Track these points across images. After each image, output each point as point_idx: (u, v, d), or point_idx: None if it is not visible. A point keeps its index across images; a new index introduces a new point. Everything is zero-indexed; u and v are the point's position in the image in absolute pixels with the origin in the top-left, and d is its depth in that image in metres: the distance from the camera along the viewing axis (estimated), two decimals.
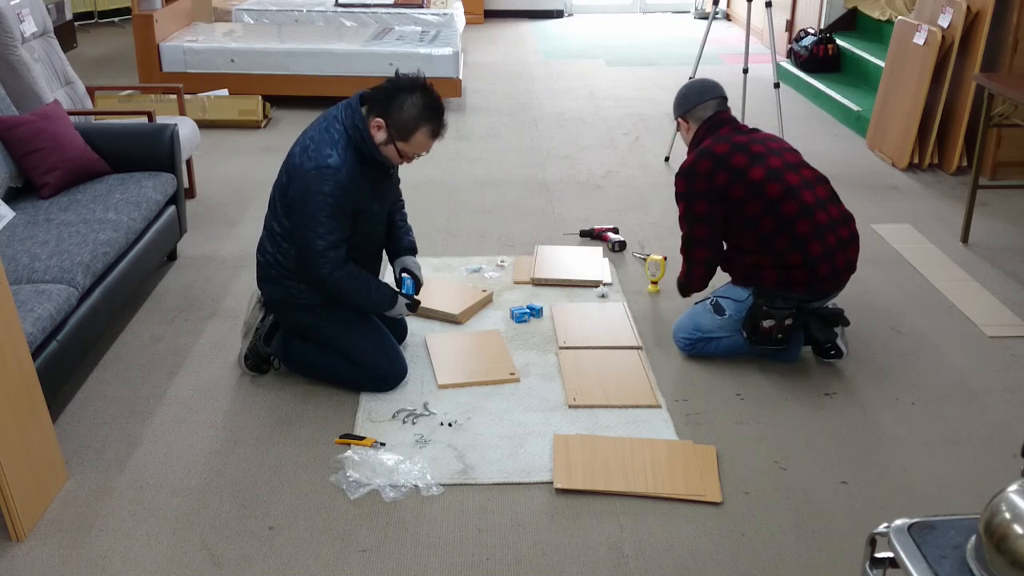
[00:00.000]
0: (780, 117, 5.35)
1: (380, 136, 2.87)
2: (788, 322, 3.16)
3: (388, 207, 3.18)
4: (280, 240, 3.00)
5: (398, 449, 2.80)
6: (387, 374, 3.09)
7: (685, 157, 3.34)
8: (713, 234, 3.23)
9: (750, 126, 3.36)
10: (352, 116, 2.88)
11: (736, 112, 6.34)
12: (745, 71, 5.72)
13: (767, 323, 3.16)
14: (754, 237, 3.15)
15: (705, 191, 3.16)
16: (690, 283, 3.37)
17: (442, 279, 3.92)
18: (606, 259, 4.14)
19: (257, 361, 3.18)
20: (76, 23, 8.73)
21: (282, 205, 2.97)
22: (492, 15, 10.43)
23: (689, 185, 3.19)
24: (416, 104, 2.84)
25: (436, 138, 2.92)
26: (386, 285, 3.09)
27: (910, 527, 1.61)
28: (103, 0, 9.62)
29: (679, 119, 3.38)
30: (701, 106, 3.31)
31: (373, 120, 2.86)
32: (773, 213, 3.10)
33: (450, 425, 2.92)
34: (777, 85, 5.37)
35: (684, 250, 3.32)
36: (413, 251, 3.32)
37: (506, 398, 3.09)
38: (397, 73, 2.93)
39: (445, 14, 7.94)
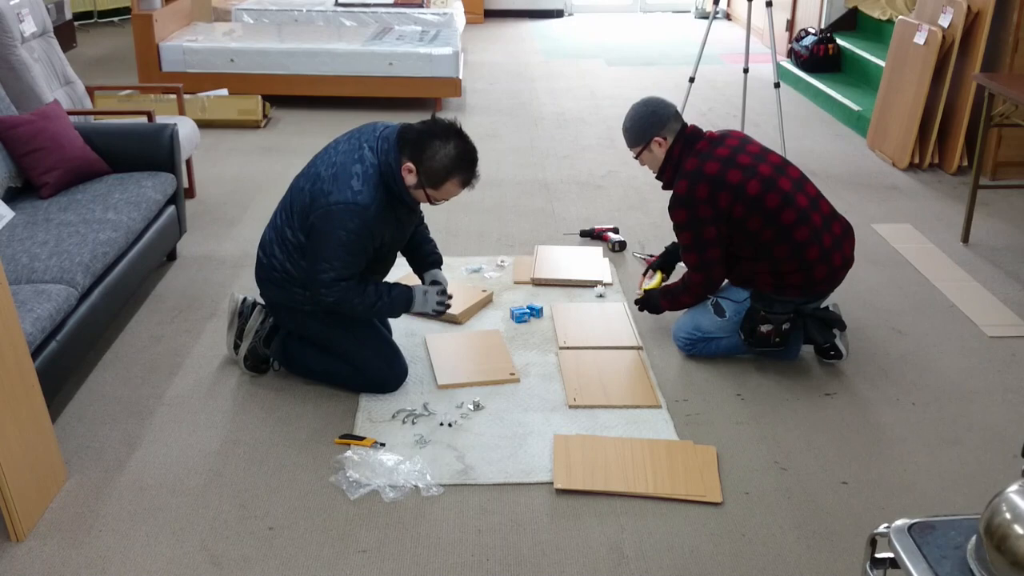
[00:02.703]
0: (780, 117, 5.35)
1: (410, 180, 2.85)
2: (786, 326, 3.17)
3: (408, 236, 3.18)
4: (292, 251, 2.97)
5: (398, 449, 2.80)
6: (387, 379, 3.09)
7: (657, 180, 3.30)
8: (723, 253, 3.17)
9: (717, 130, 3.29)
10: (387, 152, 2.84)
11: (736, 112, 6.38)
12: (745, 71, 5.73)
13: (765, 327, 3.16)
14: (753, 247, 3.13)
15: (711, 216, 3.08)
16: (690, 303, 3.33)
17: None
18: (606, 259, 4.14)
19: (256, 362, 3.18)
20: (76, 23, 8.73)
21: (301, 220, 2.92)
22: (492, 15, 10.43)
23: (692, 213, 3.10)
24: (449, 154, 2.81)
25: (467, 187, 2.91)
26: (398, 285, 3.06)
27: (910, 527, 1.61)
28: (103, 0, 9.62)
29: (656, 139, 3.18)
30: (673, 119, 3.21)
31: (405, 163, 2.83)
32: (773, 224, 3.08)
33: (450, 425, 2.92)
34: (777, 85, 5.37)
35: (699, 275, 3.21)
36: (439, 264, 3.33)
37: (506, 398, 3.08)
38: (434, 116, 2.90)
39: (445, 14, 7.94)
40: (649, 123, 3.21)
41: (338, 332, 3.07)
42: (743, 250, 3.16)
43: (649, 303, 3.44)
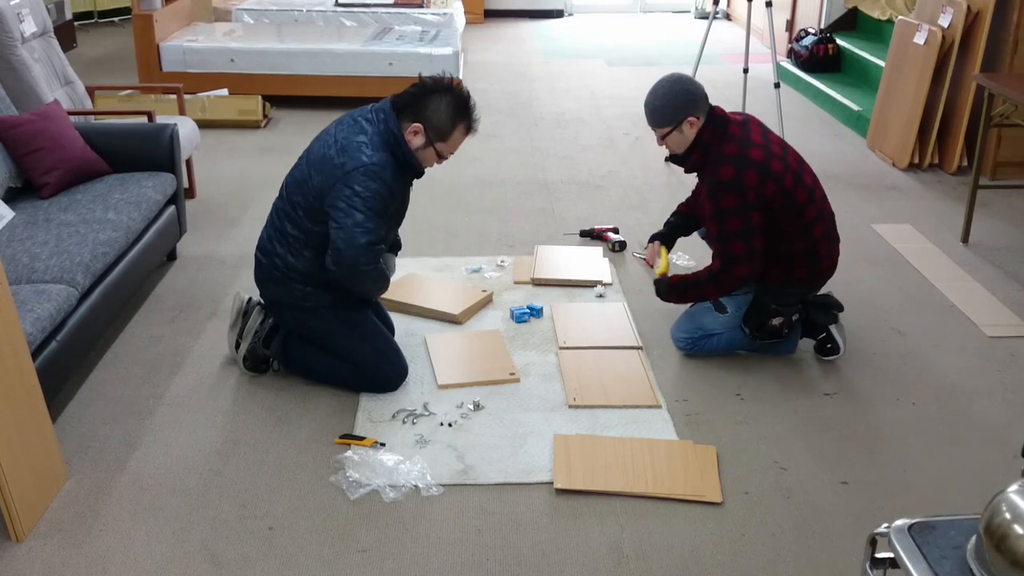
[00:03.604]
0: (780, 117, 5.35)
1: (418, 141, 2.90)
2: (795, 317, 3.21)
3: (405, 213, 3.19)
4: (294, 243, 2.97)
5: (398, 449, 2.80)
6: (387, 377, 3.09)
7: (672, 163, 3.22)
8: (762, 243, 3.09)
9: (736, 112, 3.19)
10: (385, 121, 2.89)
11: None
12: (745, 71, 5.73)
13: (777, 321, 3.18)
14: (774, 241, 3.12)
15: (755, 202, 3.00)
16: (717, 296, 3.24)
17: (442, 279, 3.92)
18: (606, 259, 4.14)
19: (256, 362, 3.18)
20: (76, 23, 8.72)
21: (307, 208, 2.92)
22: (492, 15, 10.43)
23: (742, 199, 2.99)
24: (450, 104, 2.89)
25: (470, 133, 2.99)
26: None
27: (910, 527, 1.61)
28: (103, 0, 9.62)
29: (689, 119, 3.04)
30: (704, 99, 3.09)
31: (410, 126, 2.88)
32: (798, 220, 3.08)
33: (450, 425, 2.92)
34: (777, 85, 5.37)
35: (743, 267, 3.08)
36: (397, 248, 3.35)
37: (506, 398, 3.08)
38: (421, 76, 2.96)
39: (445, 14, 7.94)
40: (683, 101, 3.05)
41: (339, 330, 3.07)
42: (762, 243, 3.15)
43: (658, 291, 3.33)
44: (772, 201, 3.03)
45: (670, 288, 3.29)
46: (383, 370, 3.08)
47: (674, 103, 3.07)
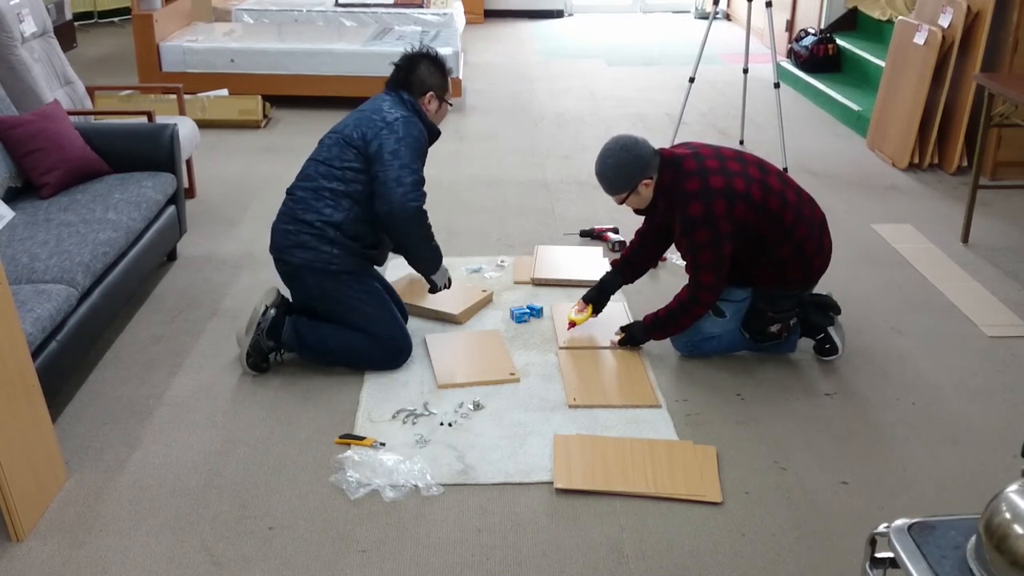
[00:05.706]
0: (780, 117, 5.34)
1: (434, 105, 3.28)
2: (793, 321, 3.22)
3: None
4: (330, 196, 3.11)
5: (398, 449, 2.80)
6: (401, 345, 3.21)
7: (639, 215, 3.25)
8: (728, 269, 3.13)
9: (677, 145, 3.23)
10: (400, 94, 3.23)
11: (736, 112, 6.38)
12: (745, 71, 5.73)
13: (775, 327, 3.19)
14: (760, 252, 3.13)
15: (730, 231, 3.02)
16: (690, 324, 3.25)
17: None
18: (606, 259, 4.14)
19: (258, 359, 3.18)
20: (76, 23, 8.73)
21: (348, 157, 3.12)
22: (492, 15, 10.43)
23: (714, 231, 3.01)
24: (432, 65, 3.27)
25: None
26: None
27: (910, 527, 1.61)
28: (103, 0, 9.62)
29: (644, 182, 3.06)
30: (653, 155, 3.07)
31: (425, 97, 3.24)
32: (778, 228, 3.08)
33: (450, 425, 2.92)
34: (777, 85, 5.37)
35: (710, 295, 3.14)
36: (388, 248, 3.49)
37: (506, 398, 3.08)
38: (393, 63, 3.31)
39: (445, 14, 7.94)
40: (635, 167, 3.05)
41: (356, 294, 3.16)
42: (746, 256, 3.15)
43: (633, 339, 3.34)
44: (747, 220, 3.04)
45: (647, 328, 3.29)
46: (396, 336, 3.20)
47: (626, 171, 3.07)
